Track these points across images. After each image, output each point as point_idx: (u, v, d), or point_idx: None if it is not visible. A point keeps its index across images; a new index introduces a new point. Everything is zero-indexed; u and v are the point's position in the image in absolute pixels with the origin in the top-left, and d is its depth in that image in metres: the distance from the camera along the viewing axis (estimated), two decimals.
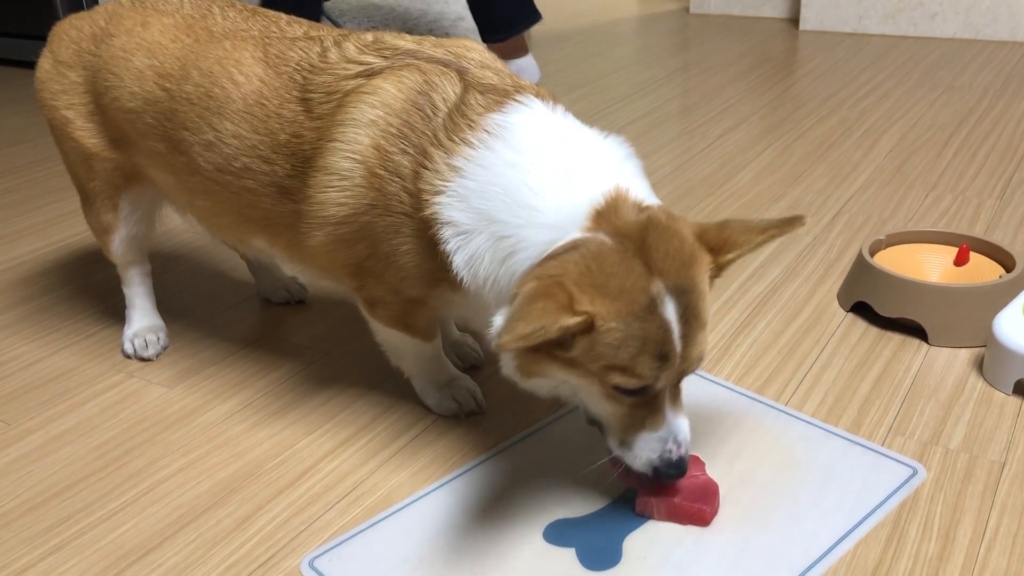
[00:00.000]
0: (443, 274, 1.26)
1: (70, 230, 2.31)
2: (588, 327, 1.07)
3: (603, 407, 1.17)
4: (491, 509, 1.28)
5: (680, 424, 1.17)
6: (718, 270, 1.16)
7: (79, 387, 1.63)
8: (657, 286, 1.08)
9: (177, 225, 1.93)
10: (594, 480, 1.32)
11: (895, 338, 1.65)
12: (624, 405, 1.15)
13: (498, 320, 1.09)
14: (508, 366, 1.18)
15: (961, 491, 1.27)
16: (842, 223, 2.11)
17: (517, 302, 1.05)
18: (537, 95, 1.26)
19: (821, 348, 1.63)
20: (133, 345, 1.71)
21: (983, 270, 1.70)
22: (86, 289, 2.01)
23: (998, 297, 1.59)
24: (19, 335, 1.83)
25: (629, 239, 1.10)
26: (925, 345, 1.62)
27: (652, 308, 1.08)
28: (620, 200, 1.14)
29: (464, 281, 1.20)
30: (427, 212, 1.21)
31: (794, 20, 4.16)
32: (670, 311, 1.09)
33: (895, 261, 1.74)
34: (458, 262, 1.19)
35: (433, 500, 1.30)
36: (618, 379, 1.10)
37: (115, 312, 1.86)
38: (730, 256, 1.15)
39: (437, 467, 1.38)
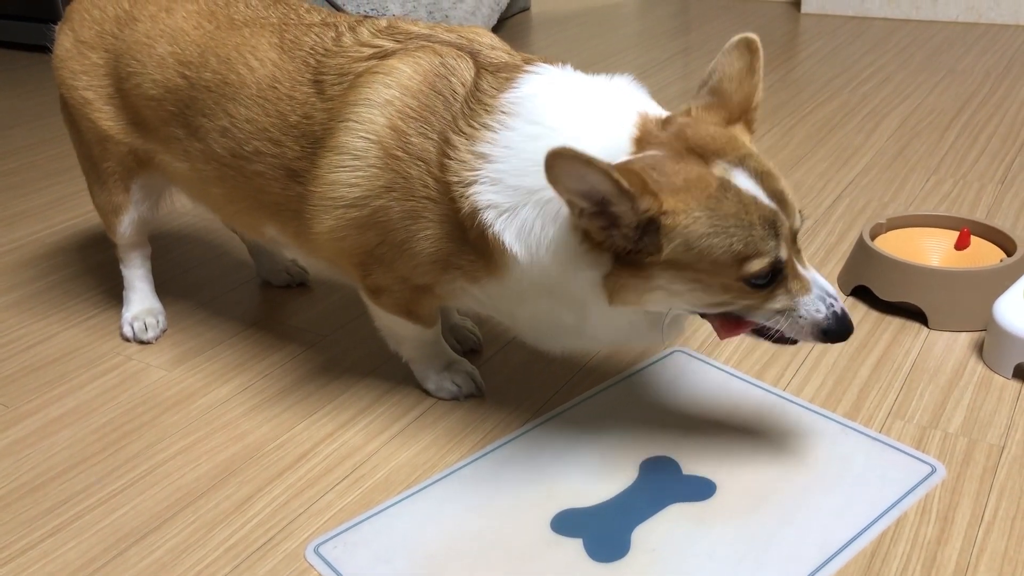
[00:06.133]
0: (459, 260, 1.26)
1: (69, 213, 2.31)
2: (659, 216, 1.07)
3: (739, 304, 1.16)
4: (499, 498, 1.28)
5: (822, 279, 1.18)
6: (749, 127, 1.21)
7: (78, 369, 1.63)
8: (719, 167, 1.11)
9: (177, 207, 1.93)
10: (604, 470, 1.31)
11: (895, 322, 1.65)
12: (760, 298, 1.15)
13: None
14: (589, 286, 1.17)
15: (960, 474, 1.27)
16: (843, 206, 2.10)
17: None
18: (546, 61, 1.28)
19: None
20: (132, 328, 1.71)
21: (984, 254, 1.70)
22: (85, 272, 2.00)
23: (998, 281, 1.59)
24: (18, 318, 1.82)
25: (673, 145, 1.13)
26: (925, 329, 1.62)
27: (726, 185, 1.10)
28: (647, 121, 1.17)
29: (516, 254, 1.19)
30: (463, 205, 1.20)
31: (796, 3, 4.13)
32: (744, 180, 1.11)
33: (896, 245, 1.74)
34: (509, 240, 1.19)
35: (440, 488, 1.30)
36: (752, 267, 1.10)
37: (114, 295, 1.86)
38: (752, 110, 1.20)
39: (436, 450, 1.38)
